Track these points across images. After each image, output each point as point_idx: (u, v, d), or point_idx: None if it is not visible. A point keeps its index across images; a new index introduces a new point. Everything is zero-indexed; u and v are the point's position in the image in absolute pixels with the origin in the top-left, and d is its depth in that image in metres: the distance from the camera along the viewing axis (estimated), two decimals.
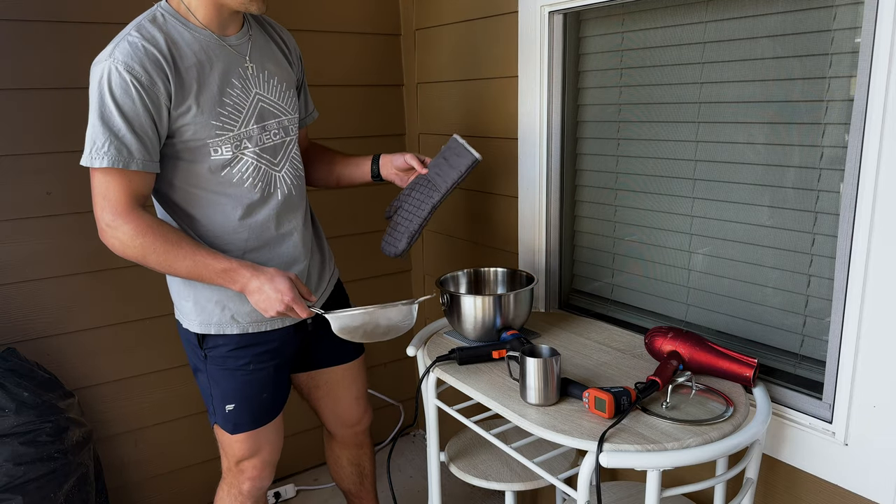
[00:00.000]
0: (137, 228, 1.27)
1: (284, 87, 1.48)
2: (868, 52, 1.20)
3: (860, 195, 1.23)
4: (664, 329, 1.45)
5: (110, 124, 1.24)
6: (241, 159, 1.38)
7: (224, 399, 1.48)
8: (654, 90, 1.67)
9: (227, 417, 1.49)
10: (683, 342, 1.40)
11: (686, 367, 1.39)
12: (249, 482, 1.58)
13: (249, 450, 1.54)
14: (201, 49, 1.32)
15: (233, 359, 1.46)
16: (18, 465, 1.60)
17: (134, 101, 1.24)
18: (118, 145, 1.25)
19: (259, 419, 1.52)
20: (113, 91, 1.23)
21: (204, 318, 1.44)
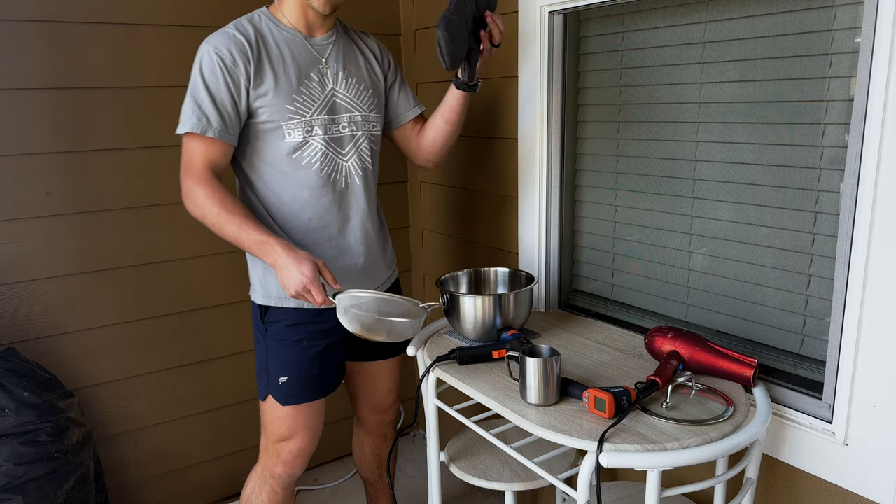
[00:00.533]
0: (205, 191, 1.44)
1: (362, 88, 1.62)
2: (868, 52, 1.20)
3: (860, 195, 1.23)
4: (664, 329, 1.45)
5: (196, 97, 1.45)
6: (310, 144, 1.53)
7: (279, 370, 1.59)
8: (654, 90, 1.67)
9: (280, 389, 1.59)
10: (683, 342, 1.40)
11: (686, 367, 1.39)
12: (283, 466, 1.64)
13: (290, 429, 1.61)
14: (286, 45, 1.52)
15: (289, 333, 1.59)
16: (18, 465, 1.60)
17: (218, 78, 1.45)
18: (199, 115, 1.44)
19: (308, 394, 1.61)
20: (202, 69, 1.46)
21: (266, 291, 1.59)
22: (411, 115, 1.75)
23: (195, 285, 2.16)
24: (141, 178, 2.01)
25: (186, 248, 2.12)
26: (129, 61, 1.94)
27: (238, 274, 2.23)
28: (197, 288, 2.16)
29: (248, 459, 2.37)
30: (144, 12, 1.94)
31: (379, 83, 1.68)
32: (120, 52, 1.92)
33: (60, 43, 1.84)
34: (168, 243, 2.09)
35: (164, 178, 2.04)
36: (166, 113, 2.02)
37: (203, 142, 1.46)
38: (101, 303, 2.00)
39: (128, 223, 2.01)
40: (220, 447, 2.30)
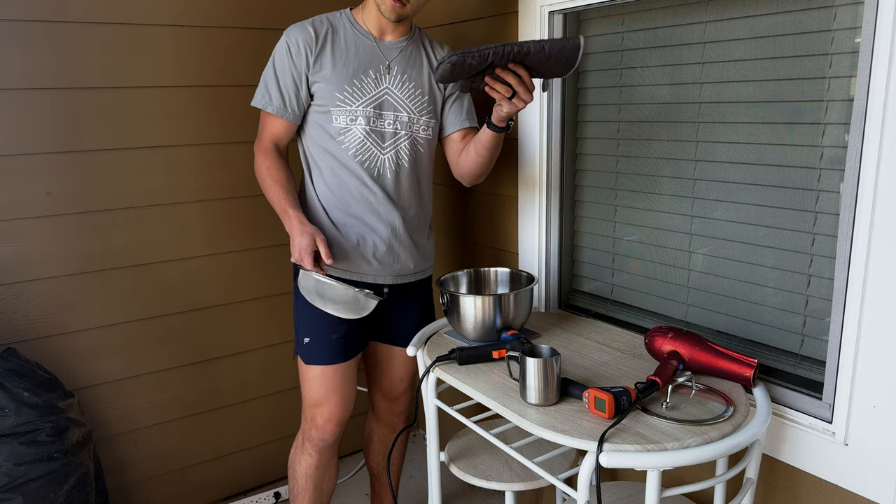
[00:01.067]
0: (262, 158, 1.69)
1: (418, 93, 1.74)
2: (868, 52, 1.20)
3: (860, 195, 1.23)
4: (664, 329, 1.45)
5: (266, 76, 1.67)
6: (351, 131, 1.68)
7: (303, 332, 1.75)
8: (654, 90, 1.67)
9: (304, 349, 1.75)
10: (683, 342, 1.40)
11: (686, 367, 1.39)
12: (316, 430, 1.77)
13: (319, 391, 1.74)
14: (354, 43, 1.69)
15: None
16: (18, 465, 1.60)
17: (284, 62, 1.65)
18: (264, 92, 1.67)
19: (329, 358, 1.73)
20: (275, 53, 1.66)
21: None
22: (454, 129, 1.81)
23: (195, 285, 2.16)
24: (141, 178, 2.01)
25: (186, 248, 2.12)
26: (130, 61, 1.94)
27: (238, 274, 2.23)
28: (197, 288, 2.16)
29: (249, 459, 2.37)
30: (145, 12, 1.94)
31: (437, 92, 1.78)
32: (120, 52, 1.92)
33: (60, 43, 1.84)
34: (168, 243, 2.09)
35: (164, 178, 2.05)
36: (166, 113, 2.02)
37: (267, 116, 1.69)
38: (101, 303, 2.00)
39: (128, 223, 2.01)
40: (220, 447, 2.30)
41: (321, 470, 1.82)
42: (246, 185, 2.20)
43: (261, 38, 2.15)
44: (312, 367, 1.73)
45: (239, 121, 2.15)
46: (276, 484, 2.42)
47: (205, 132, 2.10)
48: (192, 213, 2.11)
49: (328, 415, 1.75)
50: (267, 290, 2.31)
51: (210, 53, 2.07)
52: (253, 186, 2.21)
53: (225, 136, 2.14)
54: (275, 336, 2.35)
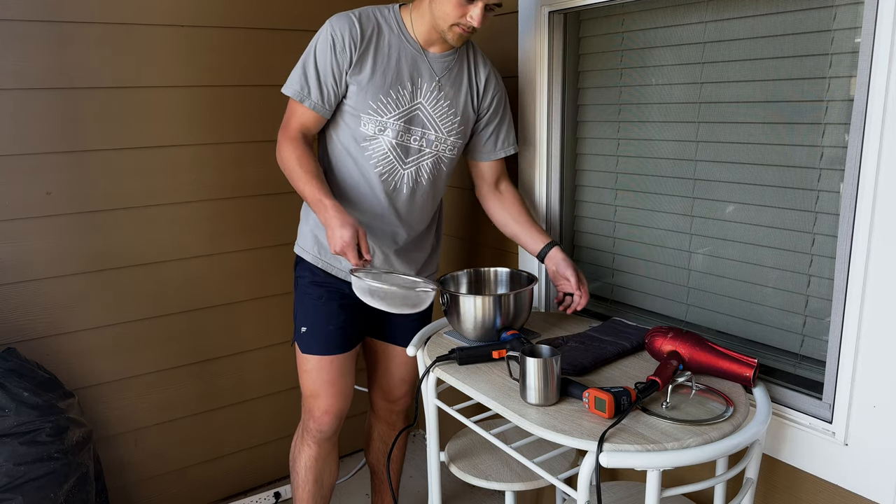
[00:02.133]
0: (290, 146, 1.59)
1: (451, 113, 1.68)
2: (868, 52, 1.20)
3: (860, 195, 1.23)
4: (664, 329, 1.45)
5: (305, 66, 1.58)
6: (377, 140, 1.63)
7: (301, 320, 1.74)
8: (654, 90, 1.67)
9: (301, 337, 1.74)
10: (683, 342, 1.40)
11: (686, 367, 1.39)
12: (313, 422, 1.76)
13: (315, 383, 1.73)
14: (397, 50, 1.61)
15: (311, 288, 1.73)
16: (18, 465, 1.60)
17: (326, 56, 1.56)
18: (303, 83, 1.58)
19: (326, 348, 1.72)
20: (317, 44, 1.58)
21: (300, 243, 1.76)
22: (488, 158, 1.80)
23: (195, 285, 2.16)
24: (141, 178, 2.01)
25: (186, 248, 2.12)
26: (129, 61, 1.94)
27: (238, 274, 2.23)
28: (197, 288, 2.16)
29: (248, 459, 2.37)
30: (144, 12, 1.94)
31: (471, 115, 1.72)
32: (120, 52, 1.92)
33: (60, 43, 1.84)
34: (168, 243, 2.09)
35: (164, 178, 2.05)
36: (166, 113, 2.02)
37: (301, 107, 1.60)
38: (101, 303, 2.00)
39: (128, 223, 2.01)
40: (220, 447, 2.30)
41: (321, 462, 1.82)
42: (246, 185, 2.20)
43: (261, 38, 2.15)
44: (310, 358, 1.72)
45: (239, 121, 2.15)
46: (276, 484, 2.42)
47: (205, 132, 2.10)
48: (192, 213, 2.11)
49: (325, 406, 1.74)
50: (267, 290, 2.30)
51: (210, 53, 2.07)
52: (253, 186, 2.21)
53: (225, 136, 2.14)
54: (275, 336, 2.35)
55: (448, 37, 1.56)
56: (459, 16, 1.52)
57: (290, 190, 2.04)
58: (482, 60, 1.73)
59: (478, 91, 1.72)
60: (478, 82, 1.72)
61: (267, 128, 2.21)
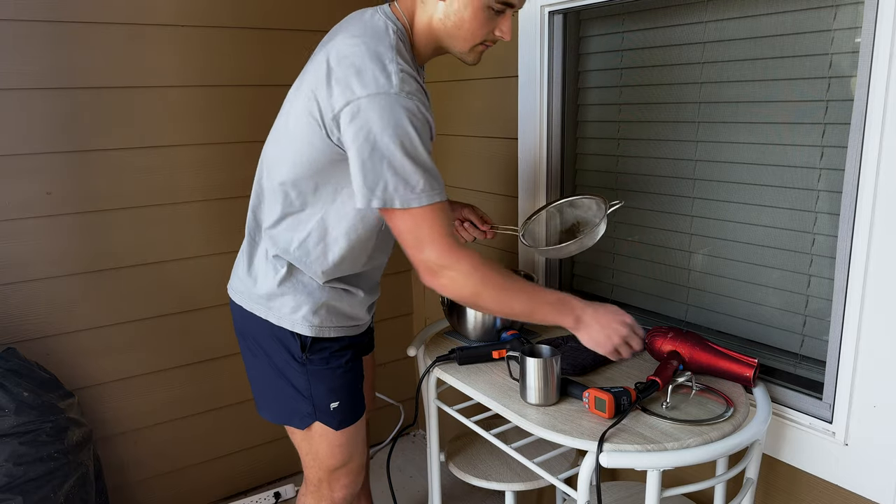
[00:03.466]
0: (472, 263, 1.22)
1: None
2: (868, 52, 1.20)
3: (860, 195, 1.23)
4: (664, 329, 1.45)
5: (419, 161, 1.18)
6: None
7: (329, 397, 1.43)
8: (654, 90, 1.67)
9: (332, 415, 1.44)
10: (683, 342, 1.40)
11: (686, 367, 1.39)
12: (345, 489, 1.52)
13: (350, 452, 1.49)
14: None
15: (336, 357, 1.44)
16: (18, 465, 1.60)
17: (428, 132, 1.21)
18: (432, 183, 1.20)
19: (359, 411, 1.49)
20: (416, 126, 1.17)
21: (313, 322, 1.40)
22: None
23: (195, 285, 2.16)
24: (141, 178, 2.01)
25: (186, 248, 2.12)
26: (129, 61, 1.94)
27: None
28: (197, 288, 2.16)
29: (248, 459, 2.37)
30: (146, 12, 1.94)
31: None
32: (120, 52, 1.92)
33: (60, 43, 1.84)
34: (168, 243, 2.09)
35: (164, 178, 2.05)
36: (166, 113, 2.02)
37: (442, 211, 1.22)
38: (101, 303, 2.00)
39: (128, 223, 2.01)
40: (220, 447, 2.30)
41: None
42: (246, 185, 2.20)
43: (262, 39, 2.15)
44: (345, 431, 1.46)
45: (239, 121, 2.15)
46: (276, 484, 2.42)
47: (205, 132, 2.10)
48: (192, 213, 2.11)
49: (358, 467, 1.53)
50: None
51: (210, 53, 2.07)
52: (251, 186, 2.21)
53: (225, 135, 2.14)
54: None
55: (469, 59, 1.32)
56: (487, 33, 1.27)
57: None
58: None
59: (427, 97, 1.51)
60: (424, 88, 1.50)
61: (267, 128, 2.20)
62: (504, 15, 1.26)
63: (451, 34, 1.27)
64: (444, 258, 1.21)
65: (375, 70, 1.17)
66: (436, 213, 1.21)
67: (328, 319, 1.42)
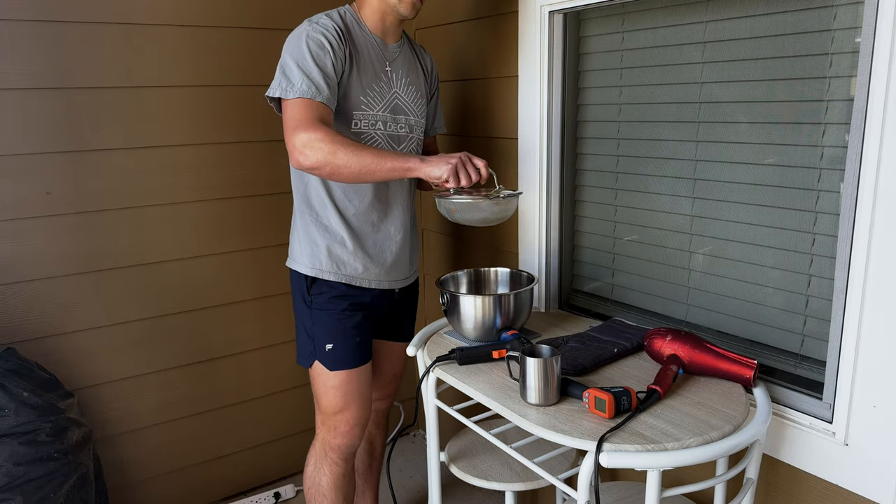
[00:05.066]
0: (325, 133, 1.46)
1: (418, 96, 1.76)
2: (868, 52, 1.20)
3: (860, 195, 1.23)
4: (663, 331, 1.45)
5: (303, 66, 1.51)
6: (371, 136, 1.65)
7: (325, 338, 1.68)
8: (654, 90, 1.67)
9: (327, 355, 1.68)
10: (682, 344, 1.40)
11: (686, 369, 1.39)
12: (341, 437, 1.72)
13: (344, 398, 1.69)
14: (365, 46, 1.64)
15: (334, 303, 1.68)
16: (18, 465, 1.60)
17: (325, 53, 1.53)
18: (309, 83, 1.50)
19: (354, 359, 1.69)
20: (309, 44, 1.53)
21: (313, 263, 1.68)
22: (432, 133, 1.92)
23: (195, 285, 2.16)
24: (140, 178, 2.01)
25: (186, 248, 2.12)
26: (129, 61, 1.94)
27: (238, 274, 2.23)
28: (197, 288, 2.16)
29: (249, 459, 2.37)
30: (144, 12, 1.94)
31: (427, 95, 1.82)
32: (120, 52, 1.92)
33: (60, 43, 1.84)
34: (168, 243, 2.09)
35: (164, 178, 2.04)
36: (166, 113, 2.02)
37: (312, 104, 1.51)
38: (101, 303, 2.00)
39: (128, 223, 2.01)
40: (220, 447, 2.30)
41: (347, 479, 1.78)
42: (246, 185, 2.20)
43: (260, 38, 2.15)
44: (338, 373, 1.68)
45: (239, 121, 2.15)
46: (276, 484, 2.42)
47: (204, 132, 2.10)
48: (191, 213, 2.11)
49: (354, 419, 1.72)
50: (267, 290, 2.30)
51: (210, 53, 2.07)
52: (253, 186, 2.21)
53: (224, 135, 2.14)
54: (275, 336, 2.35)
55: (401, 10, 1.61)
56: None
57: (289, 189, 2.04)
58: (420, 46, 1.85)
59: (426, 72, 1.82)
60: (424, 65, 1.81)
61: (267, 128, 2.21)
62: None
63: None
64: (304, 133, 1.46)
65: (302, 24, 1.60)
66: (306, 105, 1.49)
67: (327, 264, 1.68)
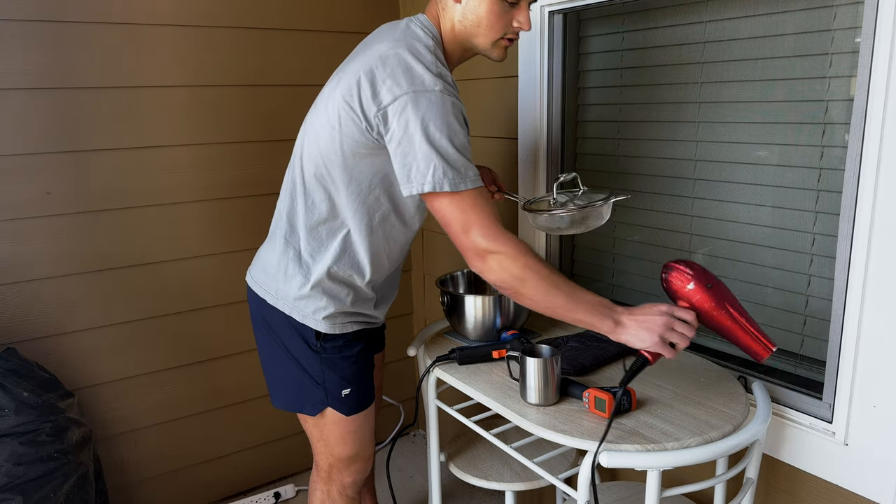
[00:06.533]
0: (519, 248, 1.23)
1: None
2: (868, 52, 1.20)
3: (860, 195, 1.23)
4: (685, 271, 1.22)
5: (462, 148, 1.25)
6: None
7: (341, 384, 1.49)
8: (654, 90, 1.67)
9: (344, 402, 1.50)
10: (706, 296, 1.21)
11: (702, 320, 1.23)
12: (356, 474, 1.58)
13: (361, 440, 1.55)
14: None
15: (349, 347, 1.50)
16: (18, 465, 1.60)
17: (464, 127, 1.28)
18: (474, 169, 1.27)
19: (369, 398, 1.55)
20: (454, 115, 1.25)
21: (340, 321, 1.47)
22: None
23: (194, 285, 2.16)
24: (141, 178, 2.01)
25: (186, 248, 2.12)
26: (129, 61, 1.94)
27: (237, 274, 2.23)
28: (196, 288, 2.16)
29: (249, 459, 2.37)
30: (144, 12, 1.94)
31: None
32: (120, 52, 1.92)
33: (60, 43, 1.84)
34: (167, 243, 2.09)
35: (164, 178, 2.04)
36: (166, 113, 2.02)
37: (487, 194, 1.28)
38: (101, 303, 2.00)
39: (128, 223, 2.01)
40: (220, 447, 2.30)
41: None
42: (246, 185, 2.20)
43: (260, 38, 2.15)
44: (355, 418, 1.51)
45: (239, 121, 2.15)
46: (276, 484, 2.42)
47: (204, 132, 2.10)
48: (191, 213, 2.11)
49: (367, 455, 1.59)
50: None
51: (210, 53, 2.07)
52: (253, 186, 2.21)
53: (224, 136, 2.14)
54: None
55: (494, 55, 1.37)
56: (505, 26, 1.33)
57: None
58: None
59: None
60: None
61: (267, 128, 2.21)
62: (519, 7, 1.32)
63: (471, 33, 1.34)
64: (491, 241, 1.23)
65: (420, 69, 1.25)
66: (482, 196, 1.26)
67: (349, 318, 1.49)
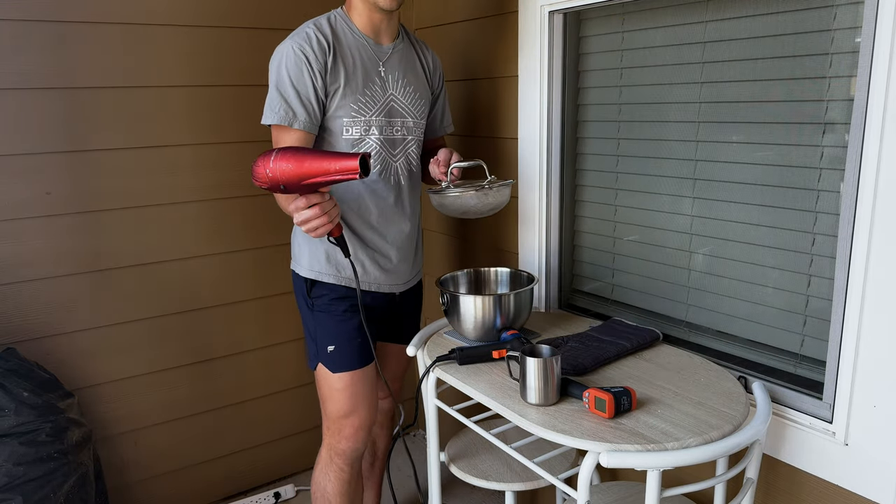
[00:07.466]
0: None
1: (418, 96, 1.74)
2: (868, 52, 1.20)
3: (860, 195, 1.23)
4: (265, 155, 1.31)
5: (281, 91, 1.54)
6: (365, 142, 1.65)
7: (327, 340, 1.69)
8: (654, 90, 1.67)
9: (329, 357, 1.69)
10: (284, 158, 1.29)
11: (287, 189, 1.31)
12: (346, 441, 1.71)
13: (349, 401, 1.69)
14: (357, 49, 1.62)
15: (334, 305, 1.69)
16: (18, 465, 1.60)
17: (302, 73, 1.53)
18: (286, 108, 1.53)
19: (356, 362, 1.69)
20: (287, 66, 1.54)
21: (312, 266, 1.69)
22: (441, 132, 1.90)
23: (195, 285, 2.16)
24: (140, 178, 2.01)
25: (186, 248, 2.12)
26: (129, 61, 1.94)
27: (237, 274, 2.23)
28: (197, 288, 2.16)
29: (249, 459, 2.37)
30: (144, 12, 1.94)
31: (429, 95, 1.79)
32: (120, 52, 1.92)
33: (60, 43, 1.84)
34: (168, 243, 2.09)
35: (164, 178, 2.04)
36: (166, 113, 2.02)
37: (289, 132, 1.55)
38: (101, 303, 2.00)
39: (128, 223, 2.01)
40: (220, 447, 2.30)
41: (353, 484, 1.77)
42: (246, 185, 2.20)
43: (260, 38, 2.15)
44: (342, 375, 1.68)
45: (239, 121, 2.15)
46: (276, 484, 2.42)
47: (204, 132, 2.10)
48: (191, 213, 2.11)
49: (359, 423, 1.71)
50: (267, 290, 2.30)
51: (209, 53, 2.07)
52: (253, 186, 2.21)
53: (224, 135, 2.14)
54: (275, 336, 2.35)
55: (381, 3, 1.57)
56: None
57: None
58: (423, 43, 1.81)
59: (429, 71, 1.79)
60: (426, 63, 1.78)
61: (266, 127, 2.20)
62: None
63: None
64: None
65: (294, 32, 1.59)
66: (282, 132, 1.55)
67: (326, 267, 1.68)
